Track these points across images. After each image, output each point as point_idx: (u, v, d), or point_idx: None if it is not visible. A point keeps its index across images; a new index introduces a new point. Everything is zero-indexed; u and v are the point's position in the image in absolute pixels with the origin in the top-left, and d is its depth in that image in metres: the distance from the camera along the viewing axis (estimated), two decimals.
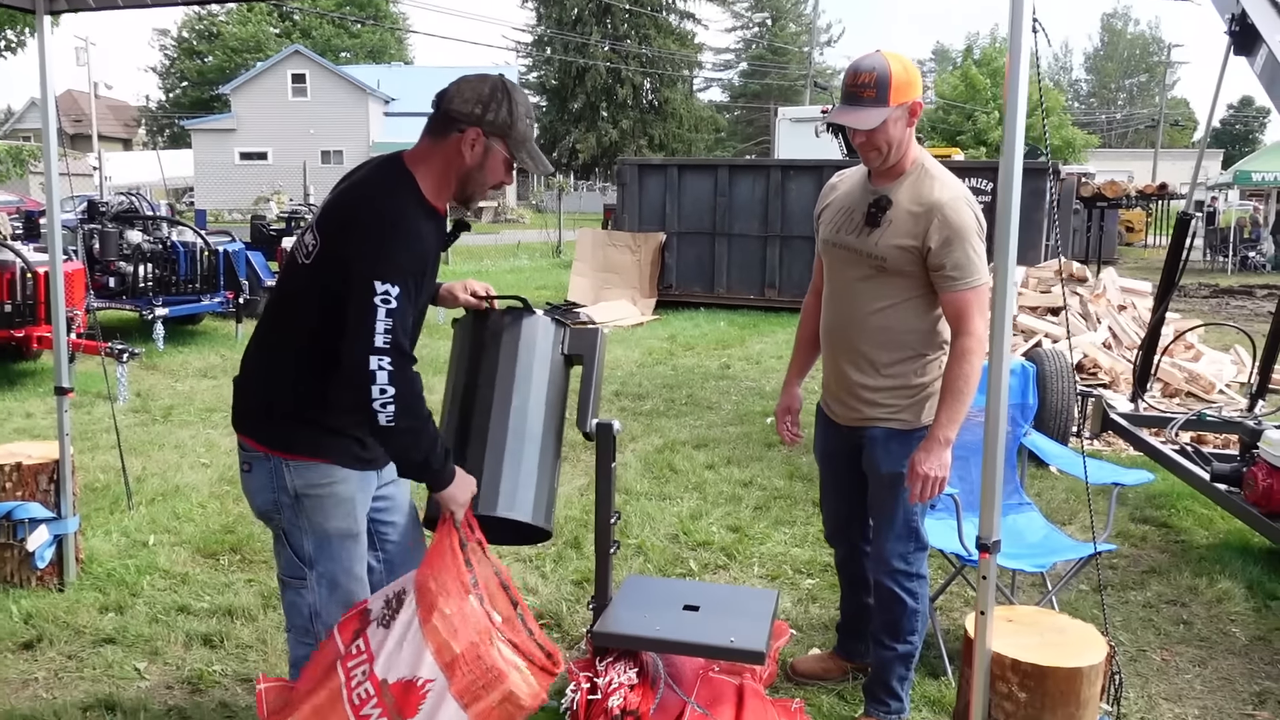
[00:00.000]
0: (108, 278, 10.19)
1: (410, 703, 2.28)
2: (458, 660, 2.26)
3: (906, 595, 3.09)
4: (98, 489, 5.45)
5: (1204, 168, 35.31)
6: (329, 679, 2.40)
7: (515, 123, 2.48)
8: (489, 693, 2.25)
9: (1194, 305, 15.72)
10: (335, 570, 2.58)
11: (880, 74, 2.80)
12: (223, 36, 52.80)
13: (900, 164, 2.94)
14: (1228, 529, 5.16)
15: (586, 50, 47.81)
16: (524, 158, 2.52)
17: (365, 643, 2.40)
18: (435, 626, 2.30)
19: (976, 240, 2.86)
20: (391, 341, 2.32)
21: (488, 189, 2.56)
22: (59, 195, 4.22)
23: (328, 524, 2.54)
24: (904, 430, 3.01)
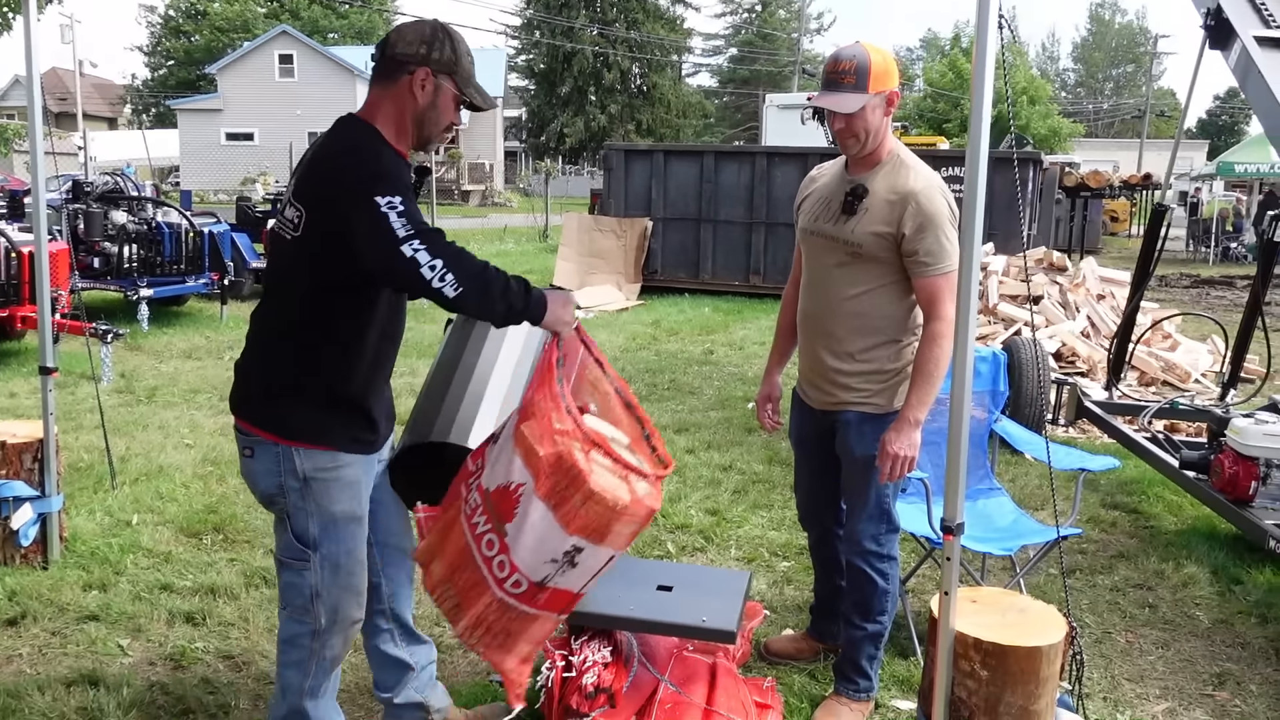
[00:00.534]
0: (92, 258, 10.18)
1: (507, 507, 2.39)
2: (542, 463, 2.32)
3: (877, 576, 3.17)
4: (82, 469, 5.48)
5: (1189, 159, 35.33)
6: (454, 500, 2.57)
7: (460, 59, 2.51)
8: (573, 494, 2.30)
9: (1174, 295, 15.85)
10: (338, 552, 2.59)
11: (860, 62, 2.89)
12: (209, 16, 52.40)
13: (876, 153, 3.02)
14: (1196, 515, 5.26)
15: (574, 34, 47.65)
16: (471, 93, 2.54)
17: (482, 459, 2.53)
18: (523, 433, 2.37)
19: (949, 228, 2.94)
20: (414, 226, 2.30)
21: (442, 130, 2.57)
22: (44, 175, 4.24)
23: (334, 507, 2.56)
24: (877, 414, 3.08)
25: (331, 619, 2.62)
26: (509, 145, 52.58)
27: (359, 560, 2.66)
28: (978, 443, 4.17)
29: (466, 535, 2.50)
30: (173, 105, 45.71)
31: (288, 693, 2.68)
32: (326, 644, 2.64)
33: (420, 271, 2.28)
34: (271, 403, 2.56)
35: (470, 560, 2.49)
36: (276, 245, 2.58)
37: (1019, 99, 39.26)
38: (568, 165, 48.86)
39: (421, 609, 3.94)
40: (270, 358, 2.59)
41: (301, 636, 2.63)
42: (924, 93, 44.75)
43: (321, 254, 2.43)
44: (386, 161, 2.43)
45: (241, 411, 2.61)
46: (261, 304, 2.66)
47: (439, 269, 2.28)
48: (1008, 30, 2.66)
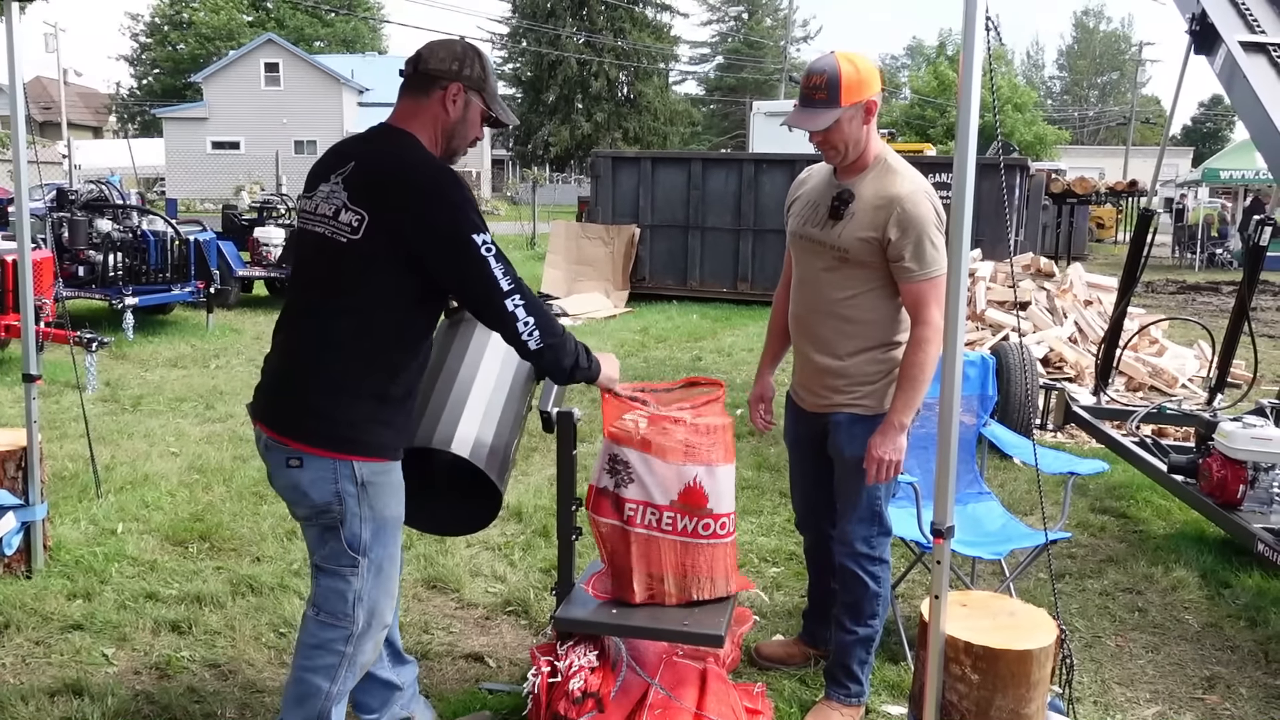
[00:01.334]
0: (77, 266, 10.11)
1: (695, 498, 2.86)
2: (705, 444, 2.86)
3: (868, 578, 3.17)
4: (66, 477, 5.44)
5: (1174, 165, 35.59)
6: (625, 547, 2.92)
7: (488, 77, 2.62)
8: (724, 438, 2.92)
9: (1161, 301, 15.93)
10: (383, 556, 2.60)
11: (830, 76, 2.88)
12: (195, 24, 52.29)
13: (862, 159, 3.02)
14: (1184, 519, 5.27)
15: (561, 42, 47.69)
16: (497, 109, 2.65)
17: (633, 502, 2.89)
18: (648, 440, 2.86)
19: (935, 233, 2.93)
20: (513, 280, 2.48)
21: (468, 143, 2.67)
22: (27, 183, 4.21)
23: (387, 511, 2.58)
24: (868, 415, 3.09)
25: (368, 622, 2.61)
26: (496, 154, 52.56)
27: (398, 563, 2.72)
28: (966, 447, 4.17)
29: (677, 540, 2.92)
30: (158, 114, 45.57)
31: (310, 699, 2.61)
32: (361, 648, 2.63)
33: (517, 325, 2.49)
34: (324, 417, 2.49)
35: (691, 548, 2.92)
36: (316, 249, 2.51)
37: (1005, 107, 39.45)
38: (555, 173, 48.85)
39: (409, 615, 3.92)
40: (321, 368, 2.51)
41: (335, 641, 2.59)
42: (910, 100, 44.88)
43: (389, 262, 2.44)
44: (463, 188, 2.50)
45: (282, 427, 2.53)
46: (299, 311, 2.59)
47: (531, 325, 2.49)
48: (994, 34, 2.66)
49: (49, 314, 8.27)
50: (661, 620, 2.92)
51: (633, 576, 2.93)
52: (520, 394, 3.01)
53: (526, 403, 3.07)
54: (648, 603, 2.96)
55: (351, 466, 2.49)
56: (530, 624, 3.94)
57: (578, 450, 3.03)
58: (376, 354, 2.49)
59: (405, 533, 4.63)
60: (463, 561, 4.47)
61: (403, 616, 3.92)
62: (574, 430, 3.00)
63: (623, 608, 2.97)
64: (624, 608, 2.97)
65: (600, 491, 2.94)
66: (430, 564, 4.41)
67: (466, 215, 2.43)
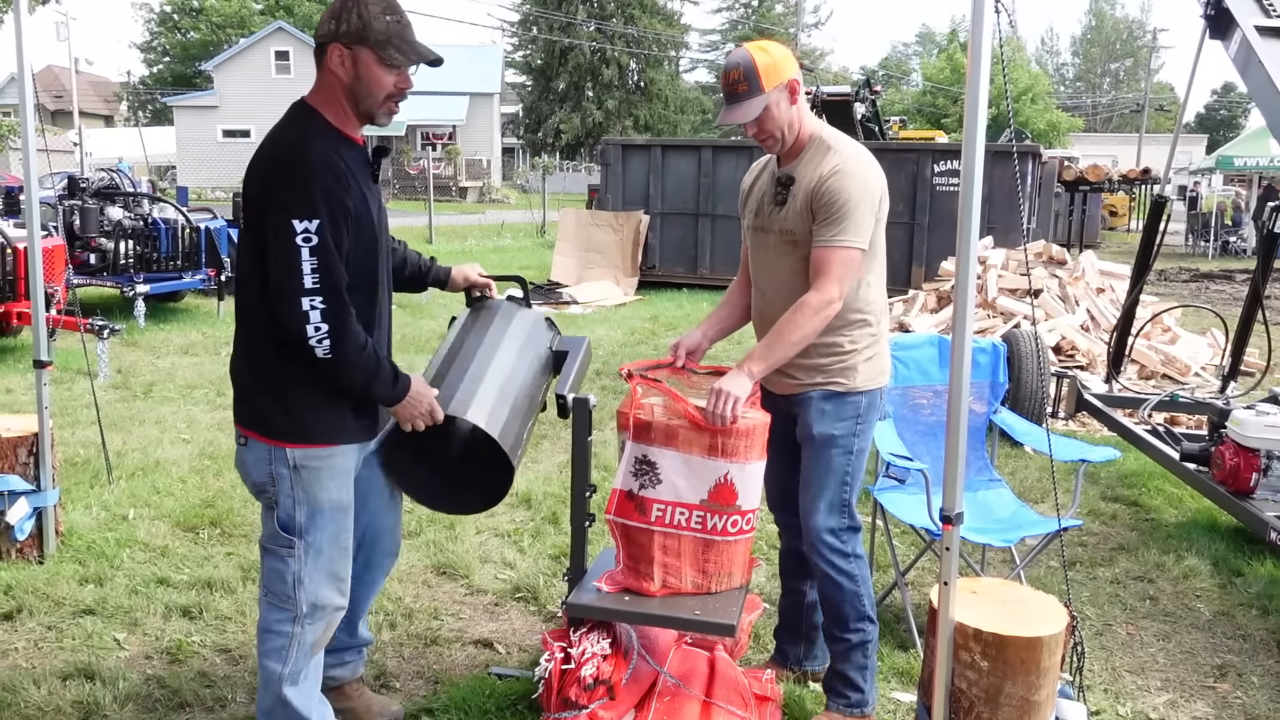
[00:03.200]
0: (88, 254, 10.13)
1: (725, 495, 2.84)
2: (738, 443, 2.82)
3: (843, 578, 3.05)
4: (78, 464, 5.46)
5: (1188, 153, 35.45)
6: (647, 546, 2.92)
7: (369, 23, 2.45)
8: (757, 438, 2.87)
9: (1174, 289, 15.85)
10: (322, 540, 2.61)
11: (746, 67, 2.87)
12: (205, 12, 52.28)
13: (799, 142, 2.99)
14: (1196, 507, 5.25)
15: (572, 30, 47.57)
16: (391, 54, 2.47)
17: (660, 502, 2.89)
18: (678, 434, 2.82)
19: (853, 203, 2.84)
20: (320, 280, 2.37)
21: (382, 100, 2.53)
22: (37, 171, 4.22)
23: (322, 495, 2.58)
24: (839, 392, 3.01)
25: (313, 605, 2.63)
26: (506, 141, 52.51)
27: (343, 548, 2.67)
28: (977, 435, 4.15)
29: (702, 537, 2.90)
30: (169, 102, 45.64)
31: (269, 684, 2.67)
32: (307, 629, 2.64)
33: (305, 327, 2.39)
34: (254, 403, 2.58)
35: (715, 545, 2.91)
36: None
37: (1020, 98, 39.23)
38: (565, 161, 48.79)
39: (419, 601, 3.93)
40: (247, 357, 2.60)
41: (281, 623, 2.63)
42: (921, 88, 44.66)
43: (256, 242, 2.46)
44: (309, 166, 2.40)
45: (235, 411, 2.65)
46: (236, 300, 2.65)
47: (322, 333, 2.40)
48: (1005, 18, 2.63)
49: (60, 301, 8.31)
50: (674, 608, 2.92)
51: (653, 573, 2.93)
52: (536, 379, 2.99)
53: (543, 390, 3.05)
54: (662, 594, 2.95)
55: (284, 451, 2.54)
56: (539, 610, 3.94)
57: (593, 438, 3.03)
58: (287, 342, 2.46)
59: (414, 520, 4.67)
60: (472, 548, 4.48)
61: (412, 602, 3.93)
62: (589, 416, 3.00)
63: (635, 595, 2.97)
64: (636, 595, 2.96)
65: (625, 495, 2.92)
66: (440, 550, 4.42)
67: (301, 198, 2.36)
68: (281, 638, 2.64)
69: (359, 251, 2.51)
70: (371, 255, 2.57)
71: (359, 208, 2.49)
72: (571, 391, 2.97)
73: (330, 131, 2.53)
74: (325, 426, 2.57)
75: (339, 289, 2.40)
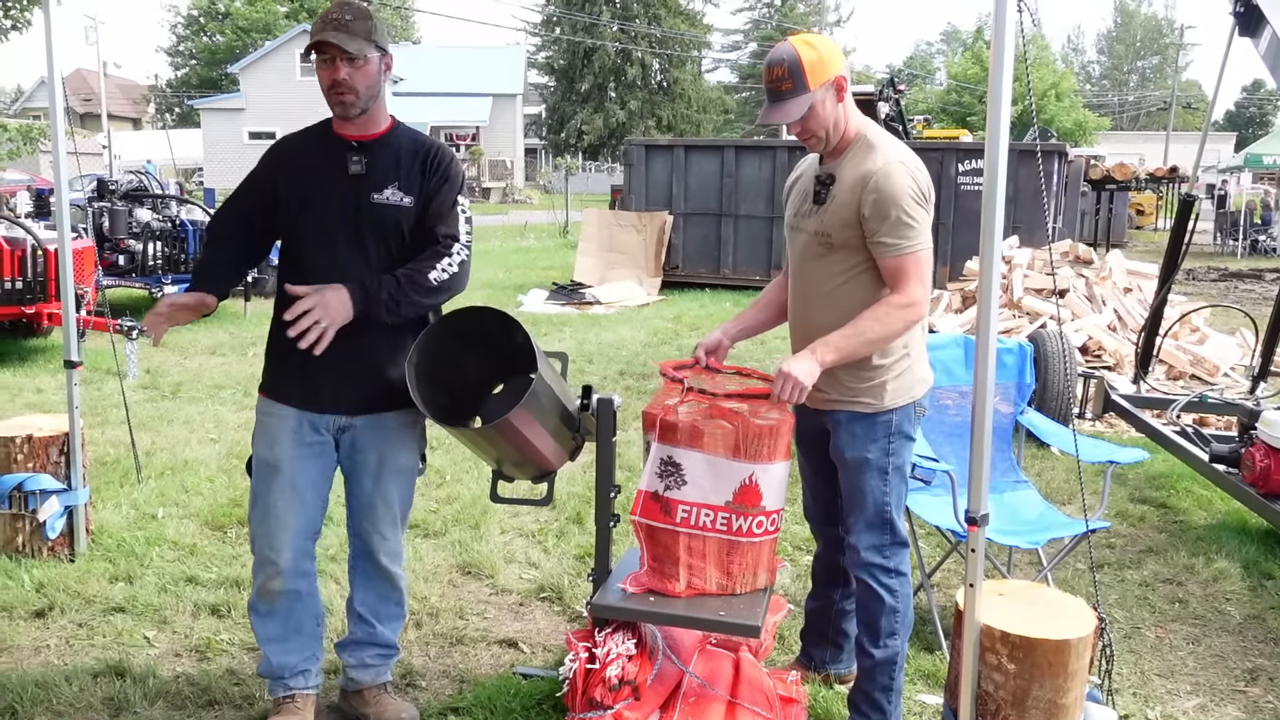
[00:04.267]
0: (117, 255, 10.25)
1: (750, 496, 2.85)
2: (765, 441, 2.82)
3: (883, 591, 2.97)
4: (108, 463, 5.52)
5: (1216, 151, 35.17)
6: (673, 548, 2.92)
7: (313, 34, 2.78)
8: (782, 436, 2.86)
9: (1202, 289, 15.70)
10: (257, 488, 2.96)
11: (791, 63, 2.76)
12: (232, 15, 52.70)
13: (843, 140, 2.90)
14: (1226, 509, 5.20)
15: (595, 30, 47.62)
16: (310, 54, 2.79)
17: (685, 504, 2.88)
18: (702, 434, 2.83)
19: (911, 204, 2.76)
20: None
21: (326, 91, 2.82)
22: (67, 174, 4.27)
23: (255, 445, 2.97)
24: (867, 414, 2.93)
25: (253, 547, 3.00)
26: (529, 142, 52.62)
27: (265, 506, 2.93)
28: (1003, 435, 4.13)
29: (727, 538, 2.91)
30: (196, 105, 45.98)
31: None
32: (256, 570, 3.00)
33: None
34: None
35: (740, 546, 2.91)
36: None
37: (1045, 96, 38.94)
38: (588, 161, 48.83)
39: (444, 601, 3.94)
40: None
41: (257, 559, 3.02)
42: (946, 86, 44.42)
43: None
44: (270, 148, 3.00)
45: None
46: None
47: None
48: (1028, 17, 2.60)
49: (90, 302, 8.40)
50: (699, 609, 2.92)
51: (678, 574, 2.93)
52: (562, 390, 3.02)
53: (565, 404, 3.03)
54: (687, 595, 2.95)
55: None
56: (564, 610, 3.95)
57: (617, 438, 3.03)
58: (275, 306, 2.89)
59: (440, 520, 4.70)
60: (497, 547, 4.49)
61: (438, 602, 3.95)
62: (614, 417, 3.00)
63: (660, 596, 2.97)
64: (661, 596, 2.96)
65: (651, 496, 2.92)
66: (464, 550, 4.44)
67: None
68: None
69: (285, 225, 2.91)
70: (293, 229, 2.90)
71: (290, 190, 2.86)
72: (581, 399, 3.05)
73: (323, 129, 2.94)
74: (267, 381, 2.97)
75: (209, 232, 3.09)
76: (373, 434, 2.94)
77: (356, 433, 2.93)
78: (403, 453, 3.02)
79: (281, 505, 2.91)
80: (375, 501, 3.01)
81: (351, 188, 2.83)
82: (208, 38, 55.33)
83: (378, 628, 3.13)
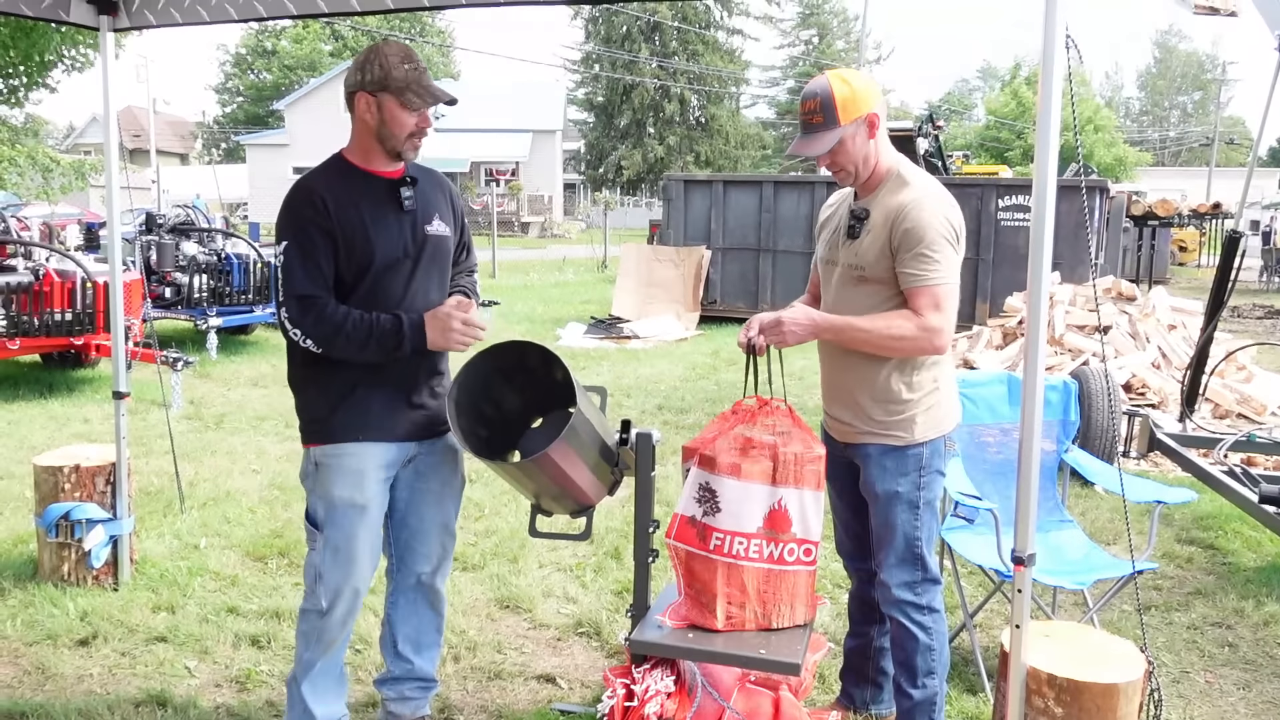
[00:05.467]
0: (164, 288, 10.43)
1: (780, 521, 2.85)
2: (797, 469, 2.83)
3: (917, 629, 2.97)
4: (152, 493, 5.59)
5: (1260, 188, 34.67)
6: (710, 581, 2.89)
7: (390, 72, 2.72)
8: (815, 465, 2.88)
9: (1248, 326, 15.46)
10: (339, 538, 2.81)
11: (824, 98, 2.81)
12: (278, 53, 53.78)
13: (875, 176, 2.93)
14: (1276, 551, 5.09)
15: (635, 67, 48.06)
16: (410, 98, 2.73)
17: (720, 531, 2.86)
18: (738, 465, 2.82)
19: (939, 239, 2.79)
20: (289, 292, 2.70)
21: (405, 138, 2.78)
22: (119, 208, 4.36)
23: (335, 491, 2.80)
24: (899, 446, 2.93)
25: (332, 602, 2.85)
26: (568, 177, 53.05)
27: (358, 548, 2.83)
28: (1048, 474, 4.07)
29: (761, 566, 2.88)
30: (242, 141, 46.86)
31: (295, 659, 2.97)
32: (327, 625, 2.87)
33: (288, 333, 2.74)
34: (298, 414, 2.91)
35: (774, 574, 2.89)
36: None
37: (1084, 127, 38.76)
38: (626, 196, 49.11)
39: (482, 635, 3.94)
40: (290, 373, 2.95)
41: (309, 613, 2.89)
42: (986, 122, 44.31)
43: None
44: (290, 201, 2.79)
45: None
46: None
47: (298, 334, 2.71)
48: (1074, 51, 2.60)
49: (137, 334, 8.55)
50: (738, 646, 2.90)
51: (715, 605, 2.89)
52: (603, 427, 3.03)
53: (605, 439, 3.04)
54: (726, 629, 2.93)
55: (309, 450, 2.86)
56: (602, 646, 3.93)
57: (655, 472, 3.03)
58: (293, 350, 2.81)
59: (478, 553, 4.71)
60: (535, 582, 4.49)
61: (476, 636, 3.95)
62: (653, 451, 3.00)
63: (699, 632, 2.95)
64: (700, 632, 2.94)
65: (688, 521, 2.91)
66: (503, 584, 4.44)
67: (282, 222, 2.75)
68: (306, 623, 2.90)
69: (352, 267, 2.76)
70: (364, 269, 2.77)
71: (350, 230, 2.74)
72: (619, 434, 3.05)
73: (346, 169, 2.83)
74: (334, 426, 2.81)
75: (300, 296, 2.71)
76: (434, 458, 2.98)
77: (420, 460, 2.96)
78: (458, 472, 3.09)
79: (370, 547, 2.87)
80: (435, 527, 3.04)
81: (410, 223, 2.86)
82: (255, 75, 56.49)
83: (416, 662, 3.13)
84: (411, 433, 2.89)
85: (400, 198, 2.84)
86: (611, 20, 48.31)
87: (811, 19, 61.03)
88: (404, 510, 3.01)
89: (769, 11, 58.09)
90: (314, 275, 2.71)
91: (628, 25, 48.21)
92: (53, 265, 8.59)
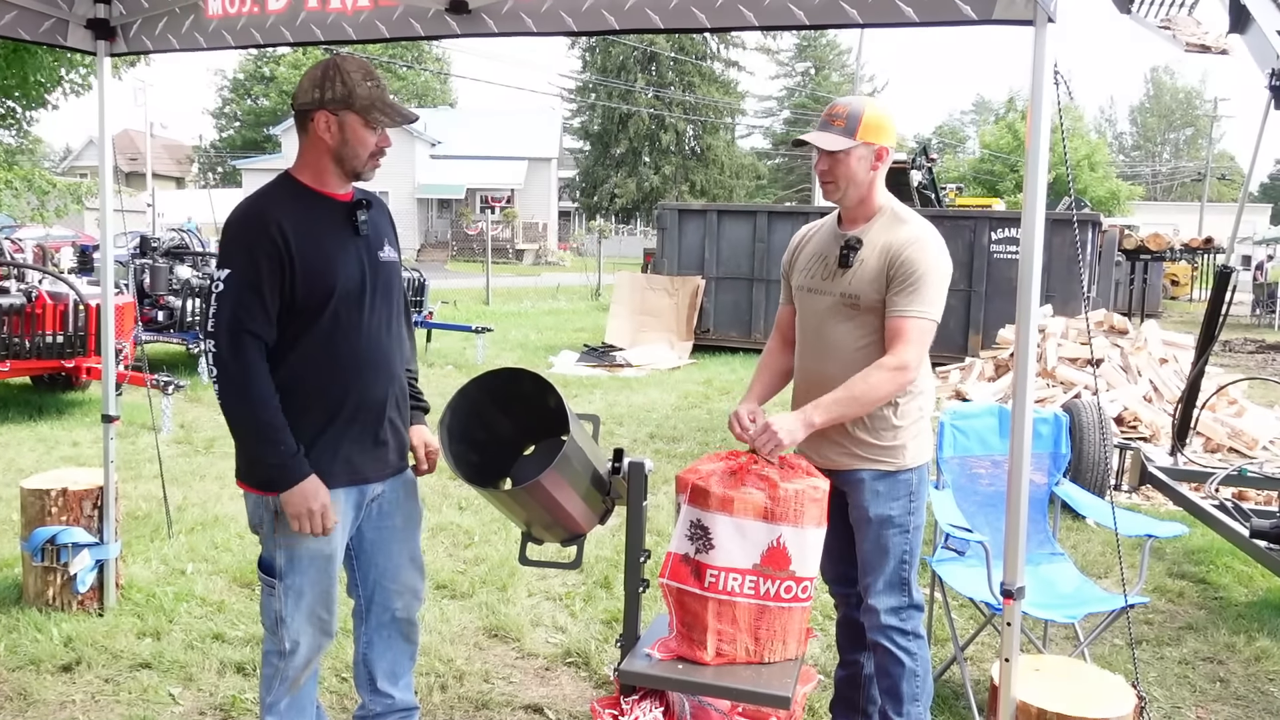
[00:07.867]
0: (156, 311, 10.42)
1: (778, 559, 2.78)
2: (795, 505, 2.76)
3: (903, 654, 2.99)
4: (139, 517, 5.55)
5: (1251, 223, 35.08)
6: (702, 615, 2.83)
7: (354, 90, 2.60)
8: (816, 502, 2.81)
9: (1240, 361, 15.51)
10: (302, 584, 2.72)
11: (854, 110, 2.90)
12: (276, 79, 54.07)
13: (868, 208, 2.98)
14: (1267, 586, 5.08)
15: (631, 97, 48.37)
16: (376, 116, 2.64)
17: (714, 568, 2.81)
18: (731, 500, 2.78)
19: (933, 276, 2.86)
20: (220, 324, 2.57)
21: (366, 159, 2.68)
22: (113, 231, 4.36)
23: (298, 540, 2.68)
24: (891, 471, 2.97)
25: (294, 644, 2.76)
26: (563, 205, 53.25)
27: (325, 591, 2.76)
28: (1038, 507, 4.07)
29: (756, 603, 2.83)
30: (238, 165, 47.01)
31: (261, 704, 2.88)
32: (290, 666, 2.78)
33: (209, 368, 2.63)
34: (239, 455, 2.75)
35: (769, 611, 2.84)
36: None
37: (1078, 165, 39.05)
38: (620, 225, 49.30)
39: (470, 664, 3.91)
40: None
41: (271, 655, 2.81)
42: (978, 155, 44.62)
43: None
44: (236, 225, 2.62)
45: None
46: None
47: (214, 374, 2.60)
48: (1064, 87, 2.63)
49: (128, 357, 8.53)
50: (728, 678, 2.87)
51: (706, 640, 2.87)
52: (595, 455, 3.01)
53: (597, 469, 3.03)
54: (716, 663, 2.91)
55: (265, 499, 2.68)
56: (590, 675, 3.91)
57: (647, 502, 3.02)
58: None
59: (466, 581, 4.67)
60: (523, 610, 4.46)
61: (463, 665, 3.91)
62: (645, 481, 2.99)
63: (688, 664, 2.92)
64: (690, 664, 2.92)
65: (681, 559, 2.89)
66: (491, 612, 4.41)
67: (225, 250, 2.60)
68: (270, 667, 2.81)
69: (313, 297, 2.61)
70: (325, 299, 2.63)
71: (309, 259, 2.60)
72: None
73: (287, 190, 2.70)
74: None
75: (236, 333, 2.55)
76: (396, 494, 2.93)
77: (384, 499, 2.89)
78: (417, 502, 3.04)
79: (334, 586, 2.79)
80: (405, 561, 2.99)
81: (364, 248, 2.75)
82: (252, 100, 56.74)
83: (396, 696, 3.08)
84: (379, 472, 2.82)
85: (355, 222, 2.71)
86: (609, 50, 48.65)
87: (808, 50, 61.52)
88: (371, 551, 2.92)
89: (765, 43, 58.48)
90: (255, 311, 2.56)
91: (624, 56, 48.56)
92: (45, 288, 8.57)
